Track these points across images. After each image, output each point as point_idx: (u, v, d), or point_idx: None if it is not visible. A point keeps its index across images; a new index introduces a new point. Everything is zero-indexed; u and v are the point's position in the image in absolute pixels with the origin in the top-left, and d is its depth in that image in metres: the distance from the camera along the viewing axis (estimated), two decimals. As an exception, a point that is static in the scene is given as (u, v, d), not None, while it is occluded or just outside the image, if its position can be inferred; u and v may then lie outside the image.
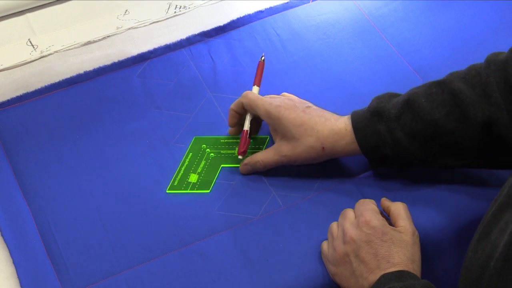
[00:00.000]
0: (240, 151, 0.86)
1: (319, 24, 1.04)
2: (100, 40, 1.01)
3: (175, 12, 1.05)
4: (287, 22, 1.04)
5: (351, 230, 0.75)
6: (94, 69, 0.97)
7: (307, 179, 0.86)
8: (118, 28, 1.03)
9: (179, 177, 0.86)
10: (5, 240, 0.81)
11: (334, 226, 0.79)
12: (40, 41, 1.01)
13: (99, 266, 0.79)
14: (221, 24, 1.03)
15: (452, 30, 1.03)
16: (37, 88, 0.95)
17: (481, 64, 0.79)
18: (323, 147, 0.82)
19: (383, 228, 0.74)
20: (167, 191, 0.85)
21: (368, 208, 0.77)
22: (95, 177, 0.86)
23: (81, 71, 0.97)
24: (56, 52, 1.00)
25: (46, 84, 0.95)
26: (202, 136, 0.90)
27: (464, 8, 1.05)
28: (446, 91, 0.79)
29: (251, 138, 0.89)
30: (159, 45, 1.00)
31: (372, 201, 0.79)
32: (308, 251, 0.80)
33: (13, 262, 0.79)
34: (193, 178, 0.86)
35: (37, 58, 0.99)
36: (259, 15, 1.05)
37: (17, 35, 1.02)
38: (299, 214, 0.83)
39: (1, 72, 0.97)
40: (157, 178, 0.86)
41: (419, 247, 0.75)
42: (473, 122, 0.77)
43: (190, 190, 0.85)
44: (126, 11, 1.05)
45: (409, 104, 0.79)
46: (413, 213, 0.78)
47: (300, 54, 1.00)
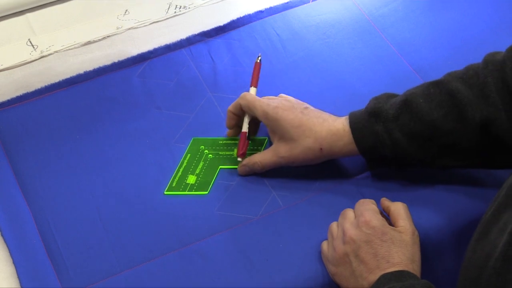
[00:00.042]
0: (239, 153, 0.86)
1: (319, 24, 1.04)
2: (100, 40, 1.01)
3: (175, 12, 1.05)
4: (287, 22, 1.04)
5: (351, 230, 0.75)
6: (94, 69, 0.97)
7: (307, 179, 0.86)
8: (118, 28, 1.03)
9: (177, 179, 0.86)
10: (5, 240, 0.81)
11: (334, 226, 0.79)
12: (40, 41, 1.01)
13: (99, 266, 0.79)
14: (221, 24, 1.03)
15: (452, 30, 1.03)
16: (37, 88, 0.95)
17: (479, 64, 0.79)
18: (321, 148, 0.82)
19: (383, 228, 0.74)
20: (165, 193, 0.85)
21: (368, 208, 0.77)
22: (95, 177, 0.86)
23: (81, 71, 0.97)
24: (56, 52, 1.00)
25: (46, 84, 0.95)
26: (201, 137, 0.90)
27: (464, 8, 1.05)
28: (444, 92, 0.78)
29: (250, 140, 0.88)
30: (159, 45, 1.00)
31: (372, 201, 0.79)
32: (308, 251, 0.80)
33: (13, 262, 0.79)
34: (191, 180, 0.86)
35: (37, 58, 0.99)
36: (259, 15, 1.05)
37: (17, 35, 1.02)
38: (299, 214, 0.83)
39: (1, 72, 0.97)
40: (157, 178, 0.86)
41: (419, 247, 0.75)
42: (471, 123, 0.77)
43: (188, 192, 0.85)
44: (126, 11, 1.05)
45: (407, 105, 0.79)
46: (413, 213, 0.78)
47: (300, 54, 1.00)
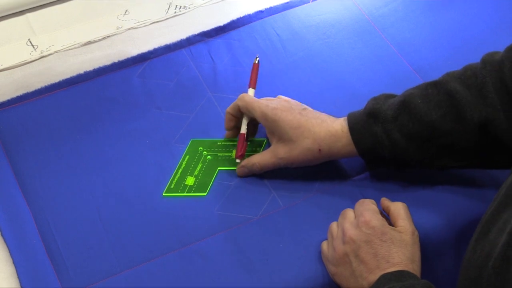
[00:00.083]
0: (238, 155, 0.86)
1: (319, 24, 1.04)
2: (100, 40, 1.01)
3: (175, 12, 1.05)
4: (287, 22, 1.04)
5: (351, 230, 0.75)
6: (94, 69, 0.97)
7: (307, 179, 0.86)
8: (118, 28, 1.03)
9: (176, 180, 0.86)
10: (5, 240, 0.81)
11: (334, 226, 0.79)
12: (40, 41, 1.01)
13: (99, 266, 0.79)
14: (221, 24, 1.03)
15: (452, 30, 1.03)
16: (37, 88, 0.95)
17: (477, 64, 0.79)
18: (320, 149, 0.82)
19: (383, 228, 0.74)
20: (164, 194, 0.85)
21: (368, 208, 0.77)
22: (95, 177, 0.86)
23: (81, 71, 0.97)
24: (56, 52, 1.00)
25: (46, 84, 0.95)
26: (199, 139, 0.90)
27: (464, 8, 1.05)
28: (442, 92, 0.78)
29: (248, 141, 0.88)
30: (159, 45, 1.00)
31: (372, 201, 0.79)
32: (308, 251, 0.80)
33: (13, 262, 0.79)
34: (190, 181, 0.86)
35: (37, 58, 0.99)
36: (259, 15, 1.05)
37: (17, 35, 1.02)
38: (299, 214, 0.83)
39: (1, 72, 0.97)
40: (157, 178, 0.86)
41: (419, 247, 0.75)
42: (470, 123, 0.77)
43: (187, 193, 0.85)
44: (126, 11, 1.05)
45: (405, 105, 0.79)
46: (412, 214, 0.78)
47: (300, 54, 1.00)
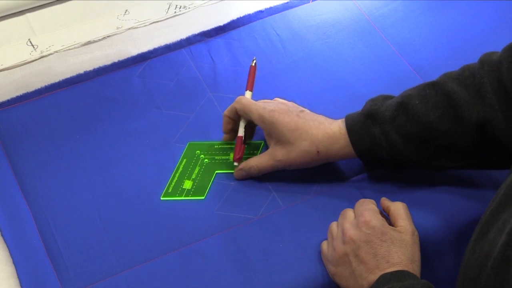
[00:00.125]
0: (236, 158, 0.86)
1: (319, 24, 1.04)
2: (100, 40, 1.01)
3: (175, 12, 1.05)
4: (287, 22, 1.04)
5: (351, 230, 0.75)
6: (94, 69, 0.97)
7: (307, 180, 0.86)
8: (118, 28, 1.03)
9: (173, 184, 0.85)
10: (5, 240, 0.81)
11: (334, 226, 0.79)
12: (40, 41, 1.01)
13: (99, 266, 0.79)
14: (221, 24, 1.03)
15: (452, 30, 1.02)
16: (37, 88, 0.95)
17: (475, 65, 0.79)
18: (318, 151, 0.82)
19: (383, 228, 0.74)
20: (162, 198, 0.84)
21: (368, 208, 0.77)
22: (95, 177, 0.86)
23: (81, 71, 0.97)
24: (56, 52, 1.00)
25: (46, 84, 0.95)
26: (196, 142, 0.90)
27: (464, 8, 1.05)
28: (440, 93, 0.78)
29: (246, 144, 0.88)
30: (159, 45, 1.00)
31: (372, 201, 0.79)
32: (308, 251, 0.80)
33: (13, 262, 0.79)
34: (188, 185, 0.86)
35: (37, 58, 0.99)
36: (259, 15, 1.05)
37: (17, 35, 1.02)
38: (299, 214, 0.83)
39: (1, 72, 0.97)
40: (157, 178, 0.86)
41: (419, 247, 0.75)
42: (468, 123, 0.77)
43: (185, 197, 0.84)
44: (126, 11, 1.05)
45: (403, 106, 0.79)
46: (412, 214, 0.78)
47: (300, 54, 1.00)
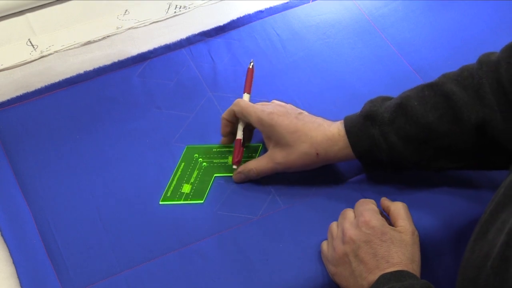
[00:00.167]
0: (234, 161, 0.85)
1: (319, 24, 1.04)
2: (100, 40, 1.01)
3: (175, 12, 1.05)
4: (287, 22, 1.04)
5: (351, 230, 0.75)
6: (94, 69, 0.97)
7: (307, 180, 0.86)
8: (118, 28, 1.03)
9: (172, 188, 0.85)
10: (5, 240, 0.81)
11: (334, 226, 0.79)
12: (40, 41, 1.01)
13: (99, 266, 0.79)
14: (221, 24, 1.03)
15: (452, 30, 1.02)
16: (37, 88, 0.95)
17: (473, 65, 0.79)
18: (317, 153, 0.82)
19: (383, 228, 0.74)
20: (160, 202, 0.84)
21: (368, 208, 0.77)
22: (95, 177, 0.86)
23: (81, 71, 0.97)
24: (56, 52, 1.00)
25: (46, 84, 0.95)
26: (194, 145, 0.89)
27: (464, 8, 1.05)
28: (439, 94, 0.78)
29: (244, 147, 0.88)
30: (159, 45, 1.00)
31: (372, 201, 0.79)
32: (308, 251, 0.80)
33: (13, 262, 0.79)
34: (186, 188, 0.85)
35: (37, 58, 0.99)
36: (259, 15, 1.05)
37: (17, 35, 1.02)
38: (299, 214, 0.83)
39: (1, 72, 0.97)
40: (157, 178, 0.86)
41: (419, 247, 0.75)
42: (467, 124, 0.77)
43: (184, 201, 0.84)
44: (126, 11, 1.05)
45: (402, 108, 0.79)
46: (412, 214, 0.78)
47: (300, 54, 1.00)
